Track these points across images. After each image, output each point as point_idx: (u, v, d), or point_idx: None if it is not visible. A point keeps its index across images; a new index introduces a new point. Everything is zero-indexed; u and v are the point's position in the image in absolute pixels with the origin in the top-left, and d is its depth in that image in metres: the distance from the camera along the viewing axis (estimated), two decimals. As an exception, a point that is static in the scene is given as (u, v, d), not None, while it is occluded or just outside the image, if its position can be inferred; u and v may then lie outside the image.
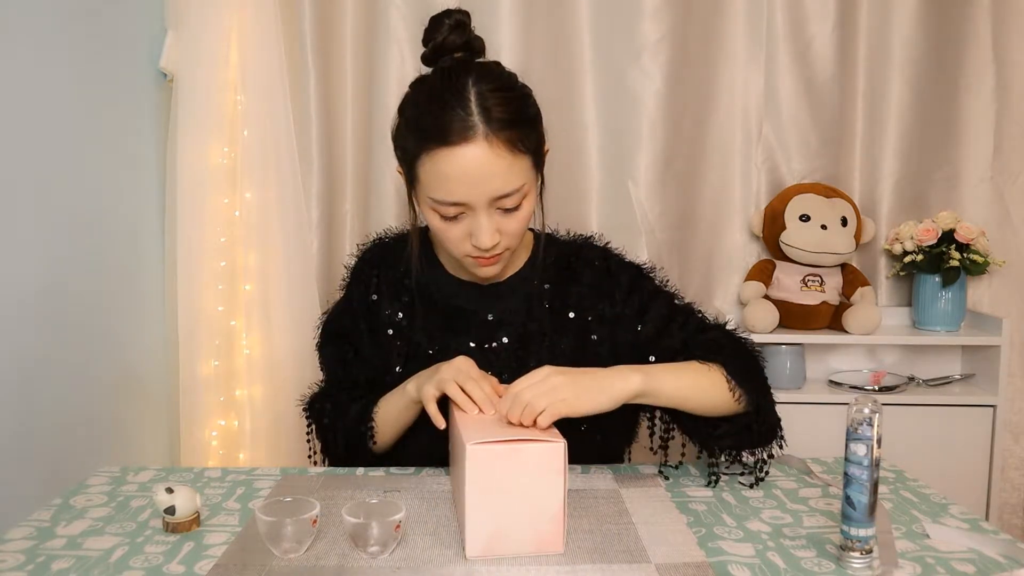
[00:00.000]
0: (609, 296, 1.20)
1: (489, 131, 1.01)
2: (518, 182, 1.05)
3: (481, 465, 0.87)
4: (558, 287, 1.21)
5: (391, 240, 1.28)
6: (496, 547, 0.88)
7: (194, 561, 0.87)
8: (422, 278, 1.22)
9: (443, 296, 1.21)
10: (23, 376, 1.28)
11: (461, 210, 1.05)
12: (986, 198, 2.06)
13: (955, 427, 1.92)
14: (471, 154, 1.01)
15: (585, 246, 1.26)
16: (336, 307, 1.28)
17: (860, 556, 0.85)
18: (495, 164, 1.02)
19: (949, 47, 2.01)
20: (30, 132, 1.31)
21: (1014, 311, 2.05)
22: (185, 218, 1.67)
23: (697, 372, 1.08)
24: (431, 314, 1.21)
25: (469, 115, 1.01)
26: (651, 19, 1.96)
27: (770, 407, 1.13)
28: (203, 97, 1.67)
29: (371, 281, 1.24)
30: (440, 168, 1.03)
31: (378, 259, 1.26)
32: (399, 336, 1.21)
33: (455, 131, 1.01)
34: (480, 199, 1.04)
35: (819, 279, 1.97)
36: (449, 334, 1.19)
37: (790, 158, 2.07)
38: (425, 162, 1.04)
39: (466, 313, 1.20)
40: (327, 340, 1.27)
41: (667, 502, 1.03)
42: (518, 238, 1.11)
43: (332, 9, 1.92)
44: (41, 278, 1.34)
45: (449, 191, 1.04)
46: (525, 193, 1.07)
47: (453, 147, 1.01)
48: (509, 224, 1.08)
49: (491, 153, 1.02)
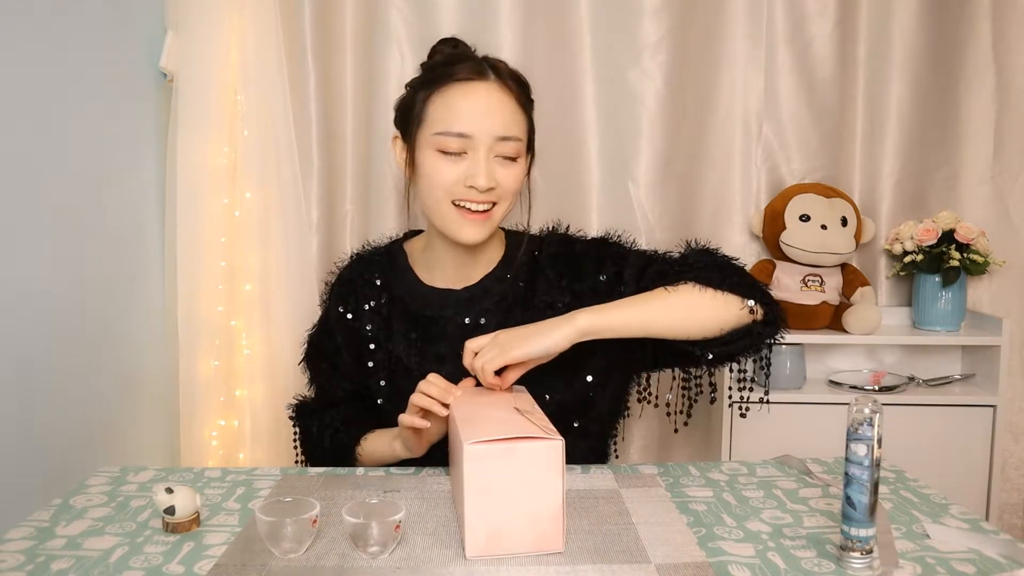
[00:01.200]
0: (580, 275, 1.20)
1: (498, 78, 1.12)
2: (519, 132, 1.13)
3: (479, 464, 0.87)
4: (529, 283, 1.22)
5: (367, 254, 1.31)
6: (496, 546, 0.88)
7: (194, 561, 0.87)
8: (396, 289, 1.24)
9: (418, 305, 1.23)
10: (23, 376, 1.28)
11: (463, 146, 1.10)
12: (986, 198, 2.06)
13: (955, 427, 1.92)
14: (482, 88, 1.11)
15: (546, 238, 1.26)
16: (317, 323, 1.33)
17: (860, 556, 0.85)
18: (503, 102, 1.11)
19: (949, 47, 2.01)
20: (30, 132, 1.31)
21: (1014, 311, 2.05)
22: (185, 218, 1.67)
23: (656, 296, 1.06)
24: (407, 325, 1.23)
25: (480, 65, 1.13)
26: (651, 19, 1.96)
27: (764, 295, 1.08)
28: (203, 97, 1.67)
29: (347, 297, 1.27)
30: (450, 101, 1.11)
31: (355, 274, 1.28)
32: (379, 350, 1.23)
33: (468, 71, 1.11)
34: (485, 134, 1.10)
35: (819, 279, 1.97)
36: (426, 343, 1.21)
37: (790, 158, 2.07)
38: (436, 99, 1.12)
39: (442, 320, 1.21)
40: (309, 357, 1.32)
41: (667, 502, 1.03)
42: (508, 198, 1.14)
43: (332, 9, 1.92)
44: (41, 278, 1.34)
45: (458, 119, 1.09)
46: (521, 152, 1.14)
47: (465, 82, 1.11)
48: (504, 175, 1.12)
49: (500, 92, 1.11)
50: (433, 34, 1.92)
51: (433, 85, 1.12)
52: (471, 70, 1.11)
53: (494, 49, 1.93)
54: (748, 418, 1.95)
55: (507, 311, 1.20)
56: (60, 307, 1.38)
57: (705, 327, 1.05)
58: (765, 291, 1.09)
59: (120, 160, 1.59)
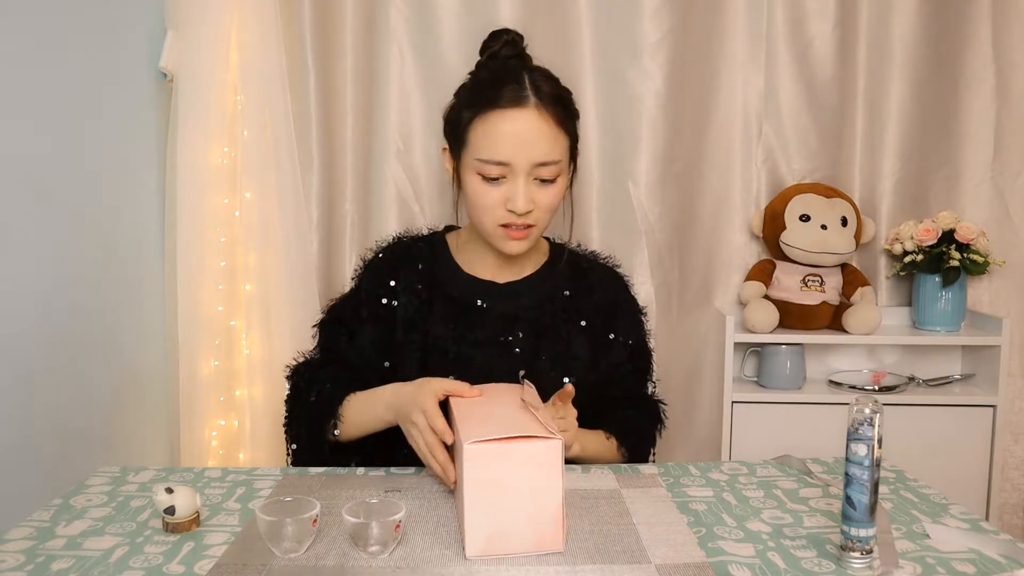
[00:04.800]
0: (613, 321, 1.30)
1: (539, 102, 1.15)
2: (558, 155, 1.16)
3: (479, 463, 0.87)
4: (572, 293, 1.30)
5: (410, 240, 1.34)
6: (496, 546, 0.88)
7: (194, 561, 0.87)
8: (438, 275, 1.28)
9: (460, 292, 1.27)
10: (23, 376, 1.28)
11: (503, 172, 1.15)
12: (986, 198, 2.06)
13: (955, 427, 1.92)
14: (522, 118, 1.14)
15: (598, 264, 1.36)
16: (344, 295, 1.34)
17: (860, 556, 0.85)
18: (542, 130, 1.14)
19: (949, 47, 2.01)
20: (30, 132, 1.31)
21: (1014, 311, 2.05)
22: (185, 218, 1.67)
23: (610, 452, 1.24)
24: (447, 308, 1.26)
25: (523, 88, 1.15)
26: (651, 19, 1.96)
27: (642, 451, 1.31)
28: (203, 97, 1.67)
29: (386, 277, 1.28)
30: (491, 128, 1.14)
31: (396, 255, 1.31)
32: (415, 331, 1.24)
33: (509, 98, 1.14)
34: (523, 162, 1.14)
35: (819, 279, 1.97)
36: (464, 327, 1.24)
37: (790, 158, 2.07)
38: (477, 126, 1.15)
39: (482, 308, 1.26)
40: (326, 322, 1.32)
41: (667, 502, 1.03)
42: (547, 214, 1.20)
43: (332, 9, 1.92)
44: (41, 278, 1.34)
45: (496, 150, 1.14)
46: (560, 172, 1.18)
47: (506, 110, 1.14)
48: (543, 197, 1.17)
49: (539, 120, 1.14)
50: (433, 34, 1.93)
51: (477, 108, 1.16)
52: (512, 97, 1.14)
53: (494, 49, 1.93)
54: (748, 418, 1.95)
55: (543, 309, 1.27)
56: (60, 307, 1.38)
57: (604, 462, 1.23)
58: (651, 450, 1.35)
59: (120, 160, 1.59)
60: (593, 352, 1.28)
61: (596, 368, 1.27)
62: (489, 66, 1.22)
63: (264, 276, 1.74)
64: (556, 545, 0.89)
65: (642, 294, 2.04)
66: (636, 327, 1.34)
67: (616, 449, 1.24)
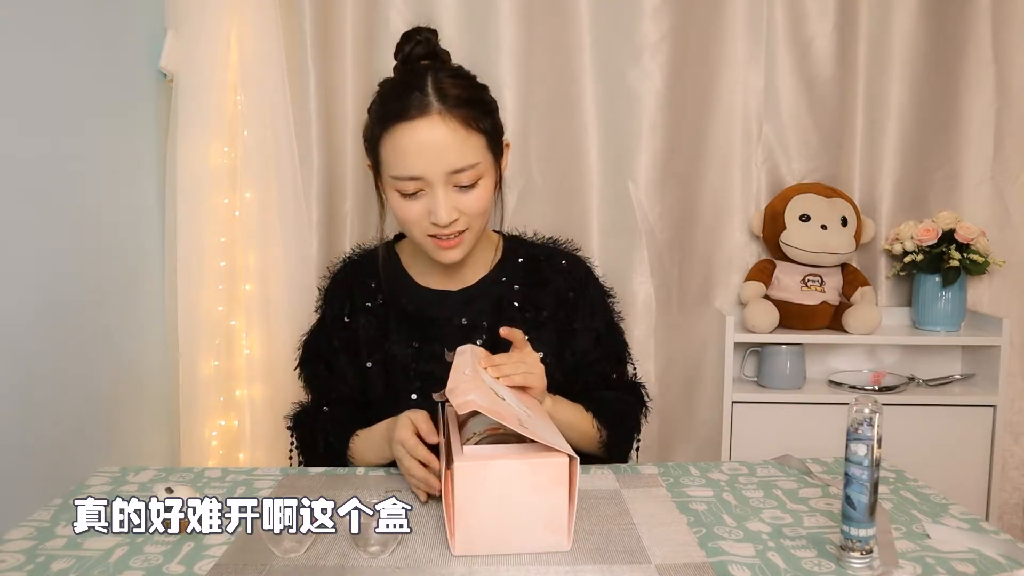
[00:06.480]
0: (574, 310, 1.26)
1: (443, 108, 1.08)
2: (472, 159, 1.10)
3: (470, 480, 0.86)
4: (528, 289, 1.26)
5: (360, 256, 1.33)
6: (496, 547, 0.87)
7: (194, 561, 0.87)
8: (392, 290, 1.26)
9: (414, 305, 1.25)
10: (23, 376, 1.28)
11: (420, 186, 1.10)
12: (986, 198, 2.06)
13: (955, 427, 1.92)
14: (426, 127, 1.08)
15: (556, 252, 1.31)
16: (313, 327, 1.34)
17: (860, 556, 0.85)
18: (449, 137, 1.08)
19: (949, 47, 2.01)
20: (30, 132, 1.31)
21: (1014, 311, 2.05)
22: (185, 218, 1.67)
23: (585, 423, 1.18)
24: (404, 323, 1.24)
25: (425, 95, 1.09)
26: (651, 19, 1.96)
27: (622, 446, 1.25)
28: (203, 97, 1.67)
29: (344, 300, 1.28)
30: (398, 143, 1.09)
31: (349, 277, 1.30)
32: (376, 351, 1.24)
33: (412, 108, 1.08)
34: (436, 173, 1.09)
35: (819, 279, 1.97)
36: (423, 342, 1.22)
37: (790, 158, 2.07)
38: (386, 142, 1.11)
39: (438, 320, 1.23)
40: (305, 361, 1.32)
41: (668, 502, 1.03)
42: (477, 219, 1.15)
43: (332, 9, 1.92)
44: (41, 278, 1.34)
45: (407, 165, 1.09)
46: (481, 174, 1.12)
47: (410, 122, 1.08)
48: (466, 202, 1.12)
49: (445, 127, 1.08)
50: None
51: (384, 123, 1.11)
52: (416, 106, 1.08)
53: (494, 50, 1.94)
54: (748, 418, 1.95)
55: (501, 311, 1.24)
56: (60, 307, 1.38)
57: (579, 446, 1.16)
58: (635, 435, 1.29)
59: (120, 160, 1.59)
60: (558, 346, 1.24)
61: (563, 361, 1.24)
62: (396, 74, 1.18)
63: (264, 276, 1.74)
64: (562, 546, 0.88)
65: (642, 294, 2.04)
66: (601, 312, 1.29)
67: (593, 423, 1.19)
